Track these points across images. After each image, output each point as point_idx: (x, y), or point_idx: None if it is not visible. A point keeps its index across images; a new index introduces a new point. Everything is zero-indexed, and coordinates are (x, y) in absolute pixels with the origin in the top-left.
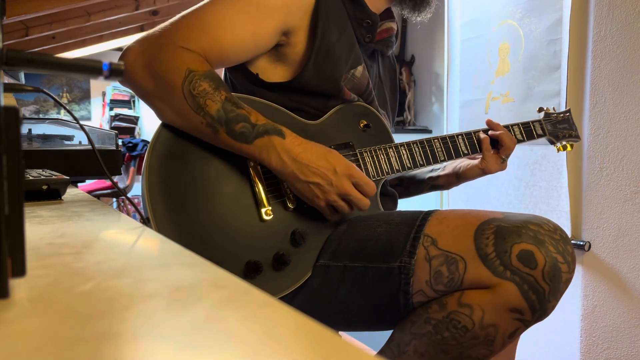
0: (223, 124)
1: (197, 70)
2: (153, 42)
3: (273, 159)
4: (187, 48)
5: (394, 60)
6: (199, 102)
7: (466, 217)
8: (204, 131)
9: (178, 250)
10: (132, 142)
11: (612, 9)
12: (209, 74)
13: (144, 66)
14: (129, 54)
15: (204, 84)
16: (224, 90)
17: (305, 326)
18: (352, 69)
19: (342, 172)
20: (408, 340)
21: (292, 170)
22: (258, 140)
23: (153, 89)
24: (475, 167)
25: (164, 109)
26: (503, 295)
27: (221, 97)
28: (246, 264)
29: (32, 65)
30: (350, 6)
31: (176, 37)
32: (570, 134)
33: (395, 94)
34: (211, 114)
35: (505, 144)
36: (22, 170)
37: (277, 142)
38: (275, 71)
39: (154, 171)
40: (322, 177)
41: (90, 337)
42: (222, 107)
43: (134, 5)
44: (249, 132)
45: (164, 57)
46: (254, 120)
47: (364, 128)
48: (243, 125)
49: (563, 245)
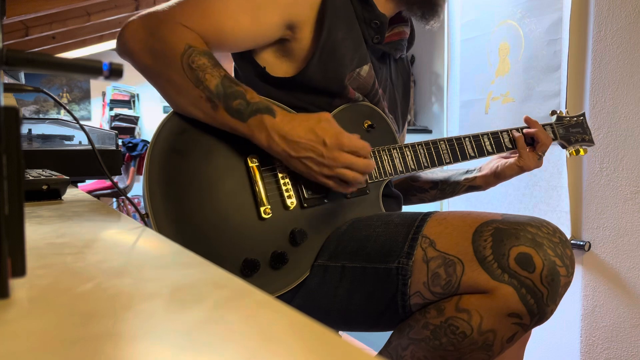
0: (222, 99)
1: (196, 47)
2: (154, 17)
3: (264, 138)
4: (187, 26)
5: (409, 64)
6: (198, 76)
7: (465, 218)
8: (203, 106)
9: (178, 250)
10: (132, 142)
11: (612, 9)
12: (207, 52)
13: (143, 40)
14: (129, 27)
15: (203, 59)
16: (222, 68)
17: (305, 326)
18: (358, 67)
19: (332, 142)
20: (406, 344)
21: (283, 149)
22: (251, 119)
23: (151, 63)
24: (514, 165)
25: (162, 84)
26: (501, 299)
27: (220, 73)
28: (243, 261)
29: (32, 65)
30: (359, 6)
31: (178, 16)
32: (584, 138)
33: (407, 98)
34: (210, 88)
35: (542, 140)
36: (22, 170)
37: (267, 121)
38: (281, 66)
39: (154, 168)
40: (313, 151)
41: (90, 337)
42: (221, 82)
43: (134, 5)
44: (244, 109)
45: (164, 33)
46: (250, 98)
47: (368, 128)
48: (239, 102)
49: (562, 248)
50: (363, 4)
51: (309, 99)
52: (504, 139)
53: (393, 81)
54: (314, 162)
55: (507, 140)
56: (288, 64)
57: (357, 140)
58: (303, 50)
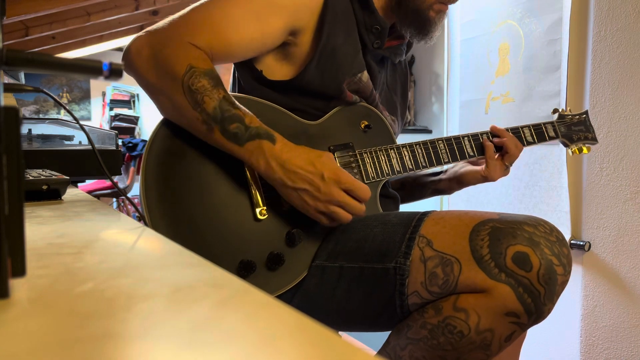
0: (218, 122)
1: (198, 67)
2: (160, 34)
3: (262, 164)
4: (194, 44)
5: (407, 67)
6: (197, 98)
7: (462, 217)
8: (199, 128)
9: (178, 250)
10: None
11: (612, 9)
12: (209, 72)
13: (148, 58)
14: (135, 44)
15: (203, 81)
16: (223, 89)
17: (305, 326)
18: (359, 72)
19: (330, 177)
20: (404, 344)
21: (279, 177)
22: (249, 144)
23: (154, 81)
24: (477, 174)
25: (163, 102)
26: (498, 298)
27: (219, 96)
28: (239, 262)
29: (32, 65)
30: (360, 11)
31: (184, 32)
32: (586, 137)
33: (405, 101)
34: (207, 111)
35: (511, 151)
36: (22, 170)
37: (266, 147)
38: (280, 69)
39: (150, 168)
40: (310, 184)
41: (90, 337)
42: (219, 105)
43: (134, 5)
44: (241, 133)
45: (169, 51)
46: (248, 122)
47: (364, 129)
48: (237, 125)
49: (559, 247)
50: (364, 10)
51: (306, 101)
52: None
53: (389, 84)
54: (309, 195)
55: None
56: (287, 67)
57: (356, 180)
58: (303, 54)
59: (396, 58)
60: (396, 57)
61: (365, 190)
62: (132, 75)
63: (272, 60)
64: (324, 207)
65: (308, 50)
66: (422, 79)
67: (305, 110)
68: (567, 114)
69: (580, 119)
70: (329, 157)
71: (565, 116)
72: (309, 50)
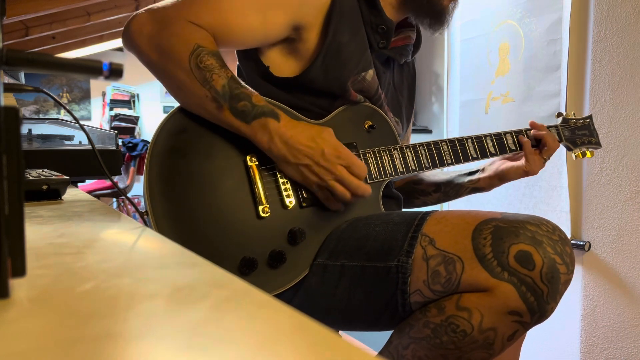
0: (227, 99)
1: (205, 47)
2: (162, 13)
3: (266, 141)
4: (197, 24)
5: (414, 69)
6: (205, 76)
7: (464, 216)
8: (207, 105)
9: (178, 250)
10: (132, 142)
11: (612, 9)
12: (216, 52)
13: (150, 36)
14: (136, 21)
15: (211, 59)
16: (229, 70)
17: (305, 326)
18: (363, 71)
19: (330, 152)
20: (406, 343)
21: (283, 153)
22: (255, 122)
23: (156, 59)
24: (519, 169)
25: (166, 79)
26: (501, 297)
27: (227, 74)
28: (241, 260)
29: (32, 65)
30: (367, 10)
31: (187, 12)
32: (590, 141)
33: (412, 102)
34: (216, 89)
35: (549, 145)
36: (22, 170)
37: (271, 125)
38: (286, 65)
39: (154, 167)
40: (311, 158)
41: (91, 337)
42: (227, 83)
43: (134, 5)
44: (249, 111)
45: (173, 30)
46: (255, 101)
47: (368, 129)
48: (245, 103)
49: (561, 246)
50: (371, 9)
51: (311, 99)
52: (507, 141)
53: (396, 85)
54: (309, 170)
55: (511, 141)
56: (293, 63)
57: (354, 157)
58: (308, 51)
59: (402, 59)
60: (402, 58)
61: (362, 168)
62: (133, 52)
63: (278, 55)
64: (322, 181)
65: (314, 47)
66: (422, 79)
67: (310, 109)
68: (571, 117)
69: (584, 123)
70: (329, 133)
71: (569, 120)
72: (314, 47)
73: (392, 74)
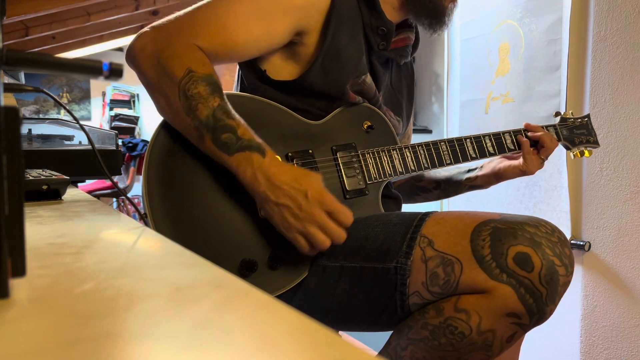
0: (210, 130)
1: (196, 71)
2: (165, 33)
3: (248, 175)
4: (198, 45)
5: (413, 68)
6: (191, 105)
7: (463, 218)
8: (191, 133)
9: (178, 250)
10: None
11: (612, 9)
12: (207, 77)
13: (151, 55)
14: (141, 39)
15: (199, 87)
16: (219, 96)
17: (305, 326)
18: (363, 74)
19: (313, 197)
20: (405, 345)
21: (264, 190)
22: (238, 154)
23: (154, 79)
24: (516, 169)
25: (160, 101)
26: (500, 299)
27: (214, 104)
28: (241, 261)
29: (32, 65)
30: (367, 12)
31: (189, 32)
32: (588, 140)
33: (411, 102)
34: (200, 119)
35: (547, 145)
36: (22, 170)
37: (255, 159)
38: (285, 69)
39: (153, 167)
40: (292, 200)
41: (90, 337)
42: (212, 113)
43: (134, 5)
44: (232, 143)
45: (172, 52)
46: (241, 133)
47: (367, 129)
48: (228, 135)
49: (560, 247)
50: (371, 11)
51: (309, 101)
52: (505, 140)
53: (394, 85)
54: (290, 212)
55: (510, 141)
56: (292, 67)
57: (339, 204)
58: (308, 54)
59: (401, 60)
60: (401, 59)
61: (347, 216)
62: (134, 69)
63: (278, 59)
64: (303, 227)
65: (313, 50)
66: (422, 79)
67: (308, 110)
68: (569, 117)
69: (582, 122)
70: (316, 177)
71: (567, 119)
72: (314, 50)
73: (391, 74)
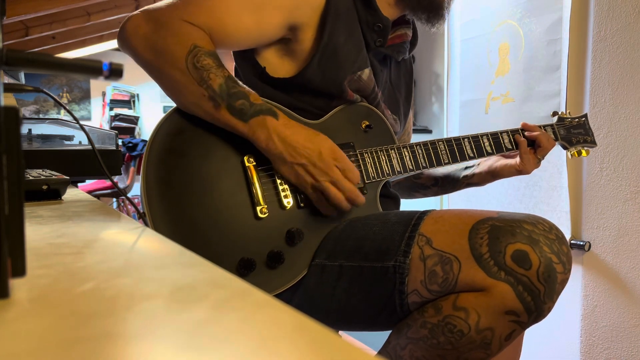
0: (225, 98)
1: (202, 47)
2: (158, 14)
3: (264, 138)
4: (193, 24)
5: (412, 66)
6: (202, 75)
7: (461, 216)
8: (205, 105)
9: (178, 250)
10: (132, 142)
11: (612, 9)
12: (213, 52)
13: (146, 36)
14: (131, 22)
15: (208, 59)
16: (226, 70)
17: (305, 326)
18: (359, 70)
19: (327, 154)
20: (404, 344)
21: (280, 152)
22: (253, 120)
23: (152, 59)
24: (512, 168)
25: (163, 80)
26: (498, 297)
27: (224, 74)
28: (240, 261)
29: (32, 65)
30: (362, 9)
31: (182, 12)
32: (585, 140)
33: (409, 100)
34: (214, 88)
35: (543, 145)
36: (22, 170)
37: (269, 123)
38: (282, 66)
39: (151, 166)
40: (307, 158)
41: (91, 337)
42: (224, 82)
43: (134, 6)
44: (246, 109)
45: (169, 30)
46: (253, 99)
47: (365, 129)
48: (242, 102)
49: (558, 245)
50: (367, 8)
51: (308, 100)
52: (503, 140)
53: (393, 83)
54: (305, 170)
55: (507, 141)
56: (289, 64)
57: (350, 162)
58: (304, 51)
59: (399, 56)
60: (399, 55)
61: (355, 174)
62: (129, 53)
63: (275, 56)
64: (317, 182)
65: (310, 47)
66: (422, 79)
67: (307, 109)
68: (567, 116)
69: (579, 121)
70: (325, 137)
71: (565, 119)
72: (310, 47)
73: (389, 71)
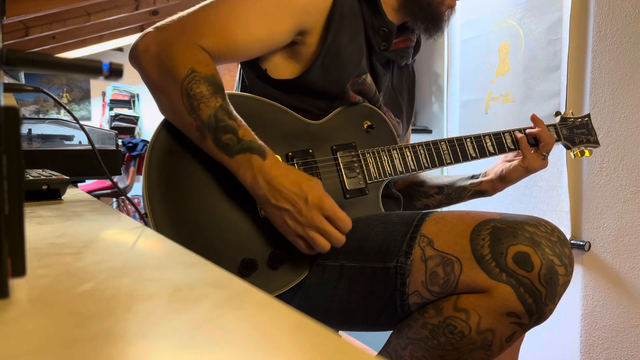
0: (212, 130)
1: (199, 72)
2: (168, 33)
3: (248, 177)
4: (200, 45)
5: (414, 71)
6: (193, 104)
7: (463, 217)
8: (192, 133)
9: (178, 250)
10: (132, 142)
11: (612, 9)
12: (210, 77)
13: (154, 55)
14: (144, 39)
15: (202, 87)
16: (221, 97)
17: (305, 326)
18: (364, 74)
19: (313, 202)
20: (405, 344)
21: (264, 193)
22: (239, 156)
23: (156, 79)
24: (519, 167)
25: (162, 101)
26: (499, 298)
27: (216, 104)
28: (242, 261)
29: (32, 65)
30: (368, 12)
31: (192, 32)
32: (588, 139)
33: (412, 104)
34: (202, 119)
35: (545, 140)
36: (22, 170)
37: (255, 162)
38: (286, 68)
39: (153, 167)
40: (292, 204)
41: (90, 337)
42: (214, 114)
43: (134, 5)
44: (233, 144)
45: (174, 52)
46: (242, 135)
47: (367, 129)
48: (229, 137)
49: (560, 247)
50: (373, 11)
51: (309, 101)
52: (506, 139)
53: (395, 87)
54: (290, 216)
55: (510, 141)
56: (293, 66)
57: (339, 210)
58: (309, 53)
59: (402, 61)
60: (402, 60)
61: (346, 222)
62: (137, 69)
63: (280, 58)
64: (303, 231)
65: (314, 49)
66: (422, 79)
67: (308, 109)
68: (570, 116)
69: (582, 121)
70: (316, 182)
71: (567, 119)
72: (315, 49)
73: (392, 75)
